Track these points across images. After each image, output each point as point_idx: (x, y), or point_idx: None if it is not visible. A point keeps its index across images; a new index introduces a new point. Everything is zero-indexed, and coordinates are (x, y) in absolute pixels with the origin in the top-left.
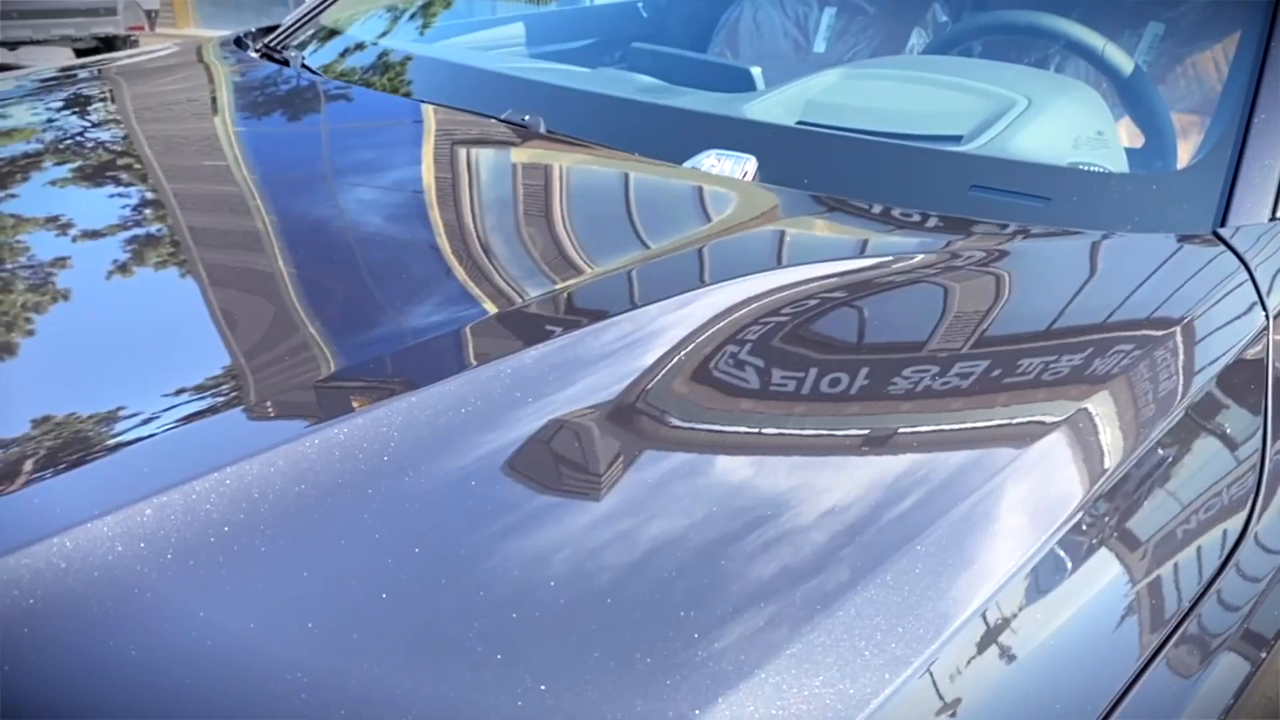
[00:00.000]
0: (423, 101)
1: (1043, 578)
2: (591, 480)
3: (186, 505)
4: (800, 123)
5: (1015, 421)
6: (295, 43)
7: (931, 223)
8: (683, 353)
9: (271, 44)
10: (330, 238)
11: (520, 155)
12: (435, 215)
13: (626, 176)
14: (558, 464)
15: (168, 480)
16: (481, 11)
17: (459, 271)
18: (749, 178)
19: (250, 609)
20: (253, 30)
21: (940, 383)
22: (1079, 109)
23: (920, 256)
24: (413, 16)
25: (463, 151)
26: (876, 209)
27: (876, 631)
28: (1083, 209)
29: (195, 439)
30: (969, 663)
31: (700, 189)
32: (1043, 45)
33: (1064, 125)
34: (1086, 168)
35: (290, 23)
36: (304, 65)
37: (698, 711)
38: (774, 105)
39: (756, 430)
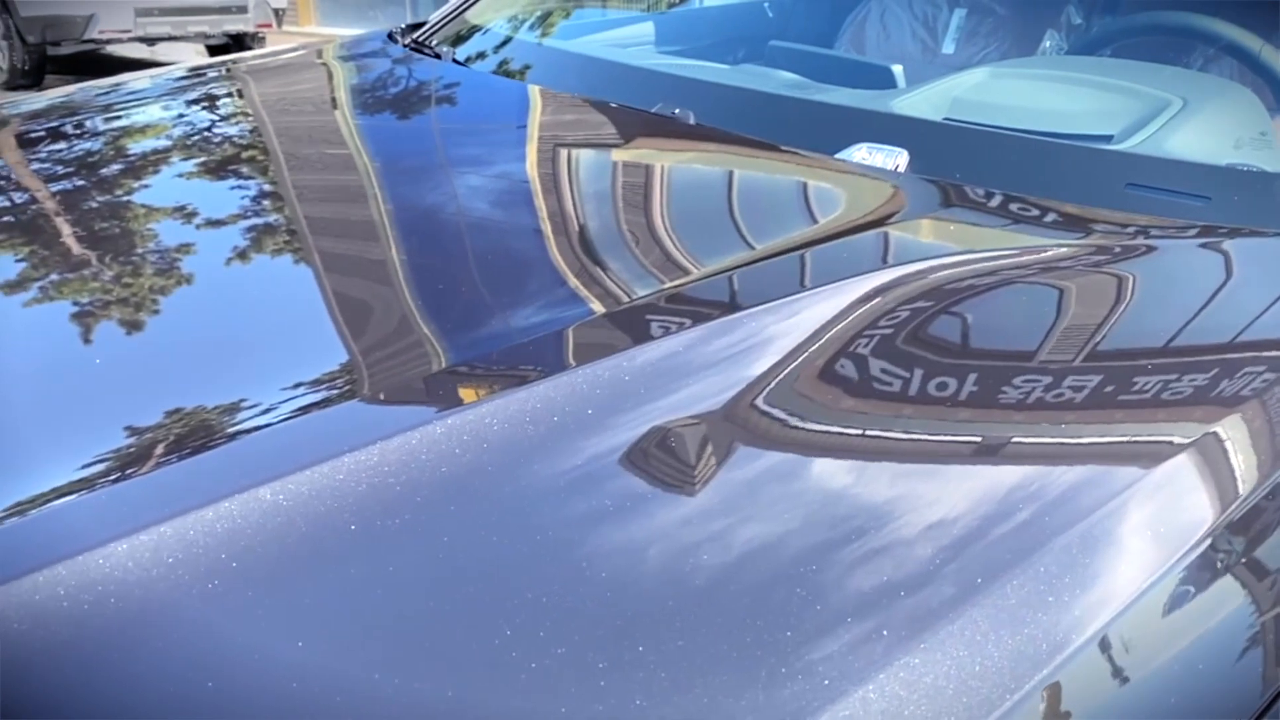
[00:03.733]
0: (570, 95)
1: (1166, 605)
2: (694, 487)
3: (283, 500)
4: (947, 119)
5: (1139, 440)
6: (444, 38)
7: (1059, 219)
8: (794, 361)
9: (420, 39)
10: (458, 231)
11: (662, 149)
12: (577, 209)
13: (762, 170)
14: (661, 469)
15: (279, 470)
16: (612, 11)
17: (599, 266)
18: (901, 170)
19: (351, 602)
20: (402, 26)
21: (1056, 393)
22: (1237, 110)
23: (1046, 254)
24: (550, 14)
25: (610, 146)
26: (997, 201)
27: (985, 650)
28: (1245, 208)
29: (306, 431)
30: (1083, 689)
31: (824, 184)
32: (1184, 45)
33: (1223, 125)
34: (1245, 168)
35: (438, 19)
36: (454, 60)
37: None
38: (921, 101)
39: (861, 434)
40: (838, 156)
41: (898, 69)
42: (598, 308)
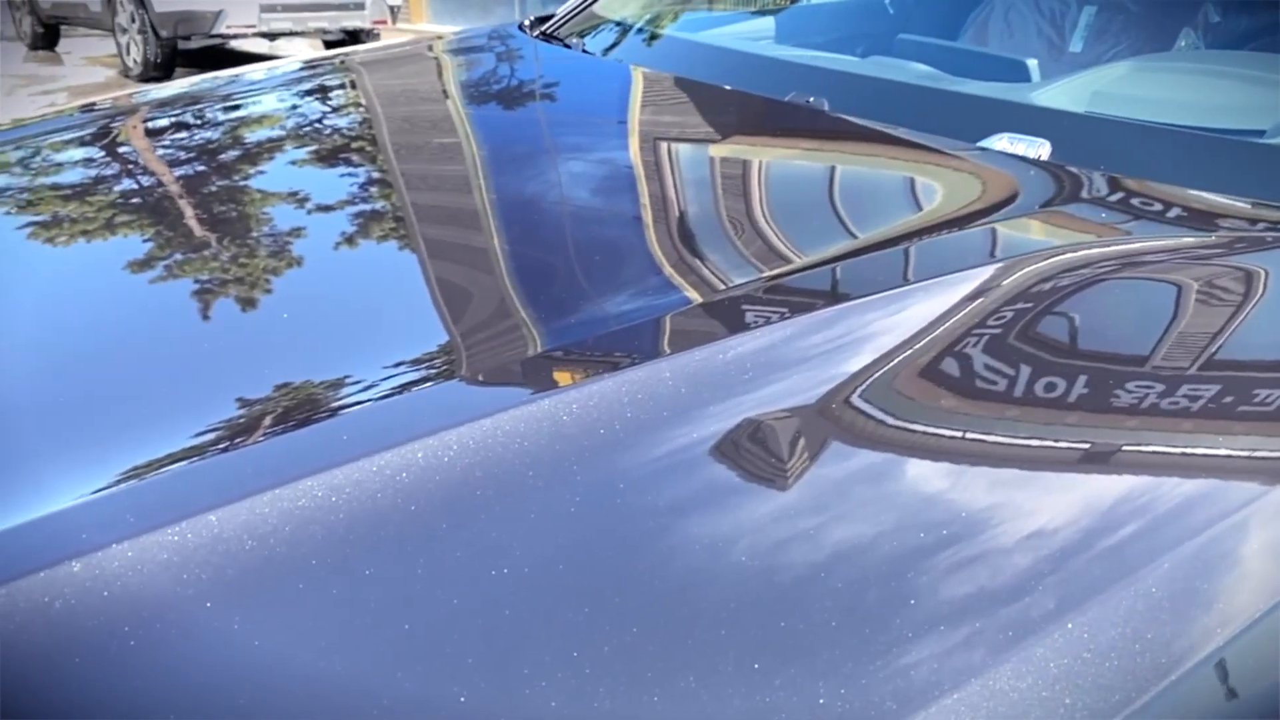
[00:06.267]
0: (703, 83)
1: None
2: (785, 482)
3: (362, 481)
4: (1089, 112)
5: (1261, 453)
6: (572, 29)
7: (1184, 213)
8: (895, 358)
9: (548, 31)
10: (563, 217)
11: (785, 138)
12: (697, 196)
13: (880, 160)
14: (753, 463)
15: (377, 445)
16: (731, 9)
17: (703, 253)
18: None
19: (430, 589)
20: (531, 19)
21: (1171, 399)
22: None
23: (1169, 249)
24: (676, 8)
25: (731, 134)
26: (1117, 194)
27: (1085, 668)
28: None
29: (406, 408)
30: (1189, 716)
31: (940, 174)
32: None
33: None
34: None
35: (566, 11)
36: (584, 50)
37: None
38: (1059, 94)
39: (961, 437)
40: (979, 145)
41: (1033, 63)
42: (695, 296)
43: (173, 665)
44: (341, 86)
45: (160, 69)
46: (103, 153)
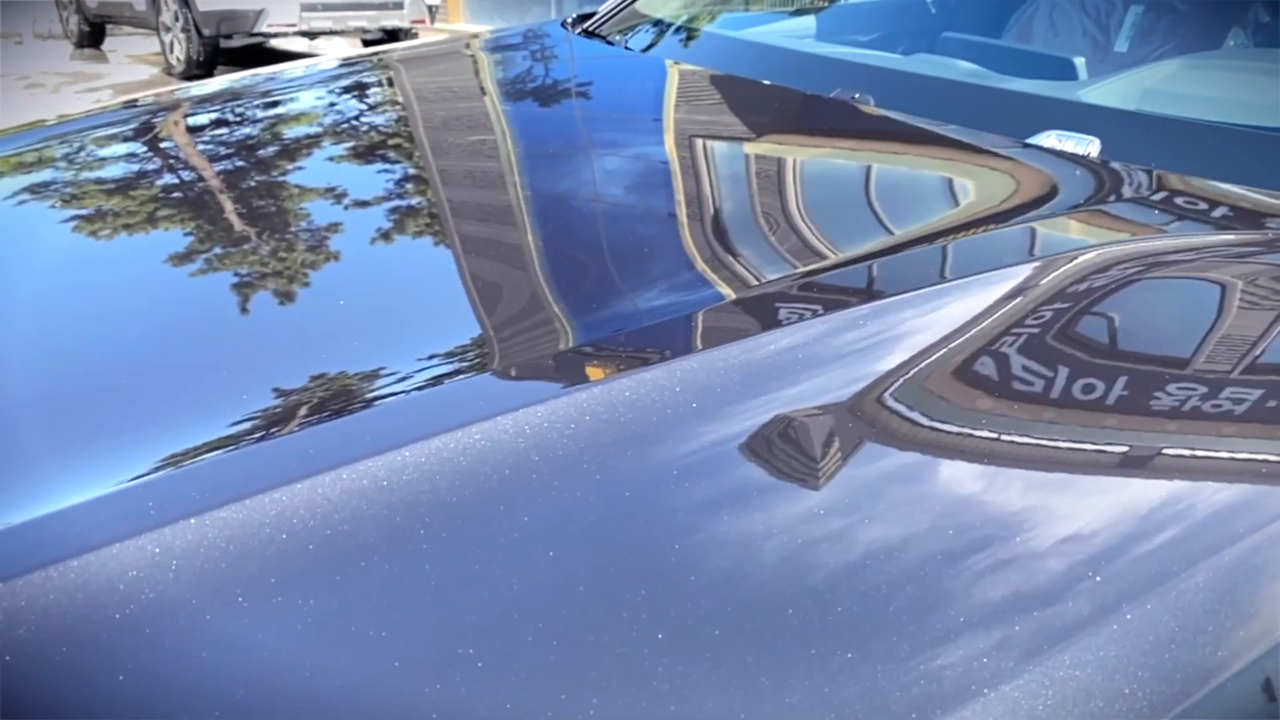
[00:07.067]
0: (747, 80)
1: None
2: (816, 482)
3: (422, 464)
4: (1140, 109)
5: None
6: (614, 26)
7: (1229, 211)
8: (930, 357)
9: (590, 28)
10: (596, 212)
11: (826, 135)
12: (738, 192)
13: (919, 157)
14: (784, 462)
15: (409, 436)
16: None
17: (739, 249)
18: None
19: (459, 583)
20: (573, 16)
21: (1214, 402)
22: None
23: (1212, 248)
24: (717, 6)
25: (772, 131)
26: (1160, 191)
27: (1119, 675)
28: None
29: (438, 400)
30: (1249, 715)
31: (979, 172)
32: None
33: None
34: None
35: (608, 9)
36: (625, 47)
37: None
38: (1109, 91)
39: (996, 439)
40: (1026, 142)
41: (1080, 61)
42: (730, 292)
43: (184, 662)
44: (379, 84)
45: (202, 67)
46: (145, 148)
